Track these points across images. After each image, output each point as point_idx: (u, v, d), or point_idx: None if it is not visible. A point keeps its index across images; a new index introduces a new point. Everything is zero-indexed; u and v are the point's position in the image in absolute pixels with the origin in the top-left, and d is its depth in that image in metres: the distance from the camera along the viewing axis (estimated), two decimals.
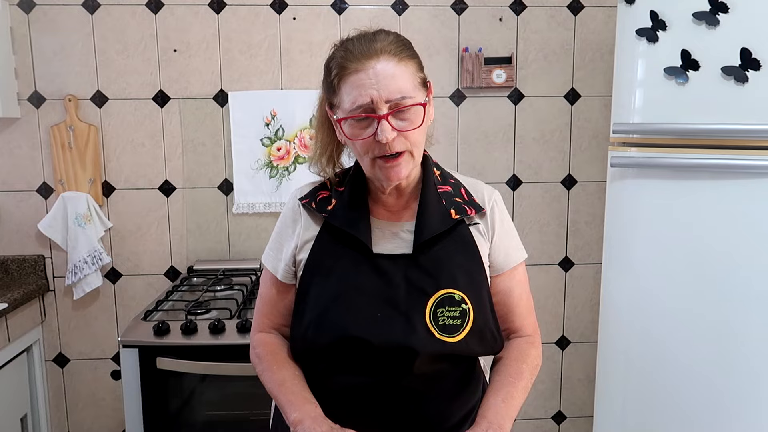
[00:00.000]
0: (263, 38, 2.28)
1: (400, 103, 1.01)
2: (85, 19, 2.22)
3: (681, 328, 1.69)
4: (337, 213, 1.12)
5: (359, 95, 1.01)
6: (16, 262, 2.29)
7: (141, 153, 2.30)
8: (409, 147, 1.04)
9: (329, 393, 1.08)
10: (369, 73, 1.01)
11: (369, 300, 1.05)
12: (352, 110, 1.02)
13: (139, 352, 1.67)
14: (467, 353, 1.09)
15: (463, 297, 1.05)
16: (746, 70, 1.53)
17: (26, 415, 2.23)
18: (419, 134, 1.05)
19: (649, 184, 1.73)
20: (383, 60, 1.02)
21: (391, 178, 1.05)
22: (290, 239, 1.16)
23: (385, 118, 1.00)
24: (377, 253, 1.08)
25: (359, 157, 1.09)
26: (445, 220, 1.10)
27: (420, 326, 1.03)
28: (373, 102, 1.00)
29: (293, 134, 2.30)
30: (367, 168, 1.08)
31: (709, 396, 1.66)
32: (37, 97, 2.24)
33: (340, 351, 1.05)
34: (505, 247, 1.16)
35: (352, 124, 1.04)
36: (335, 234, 1.11)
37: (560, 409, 2.58)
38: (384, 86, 1.01)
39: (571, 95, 2.38)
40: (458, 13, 2.31)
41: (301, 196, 1.18)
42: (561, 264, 2.48)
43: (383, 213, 1.14)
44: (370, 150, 1.04)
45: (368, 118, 1.02)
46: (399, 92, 1.01)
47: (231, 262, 2.33)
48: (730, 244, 1.61)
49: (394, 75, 1.02)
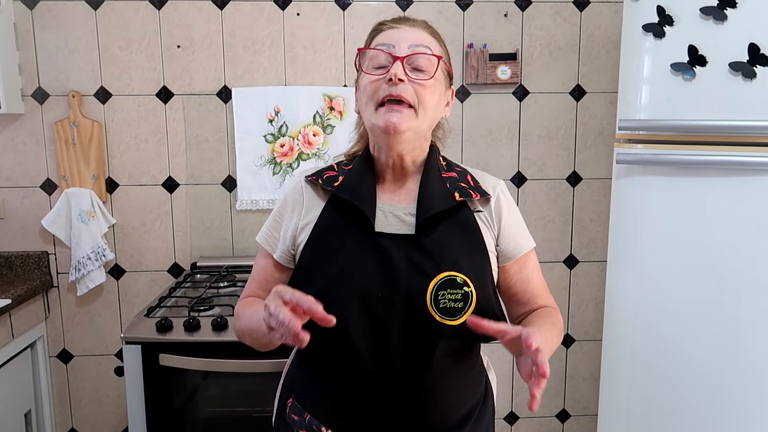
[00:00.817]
0: (267, 34, 2.27)
1: (420, 50, 1.05)
2: (88, 15, 2.22)
3: (687, 326, 1.68)
4: (345, 186, 1.11)
5: (387, 39, 1.07)
6: (19, 258, 2.29)
7: (144, 149, 2.30)
8: (416, 102, 1.04)
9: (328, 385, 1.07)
10: (401, 29, 1.08)
11: (369, 279, 1.03)
12: (374, 46, 1.07)
13: (142, 348, 1.67)
14: (468, 338, 1.06)
15: (466, 280, 1.03)
16: (754, 66, 1.51)
17: (30, 411, 2.24)
18: (429, 93, 1.06)
19: (655, 181, 1.72)
20: (416, 27, 1.10)
21: (388, 125, 1.03)
22: (290, 220, 1.14)
23: (401, 60, 1.03)
24: (379, 231, 1.07)
25: (364, 108, 1.09)
26: (447, 200, 1.08)
27: (420, 309, 1.01)
28: (395, 45, 1.05)
29: (297, 131, 2.29)
30: (369, 119, 1.07)
31: (714, 394, 1.64)
32: (40, 93, 2.24)
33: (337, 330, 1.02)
34: (515, 234, 1.15)
35: (370, 70, 1.07)
36: (340, 209, 1.10)
37: (564, 407, 2.57)
38: (409, 37, 1.07)
39: (576, 91, 2.37)
40: (463, 8, 2.30)
41: (307, 175, 1.17)
42: (566, 261, 2.46)
43: (387, 195, 1.13)
44: (377, 93, 1.04)
45: (385, 67, 1.05)
46: (422, 41, 1.07)
47: (234, 258, 2.33)
48: (737, 242, 1.59)
49: (422, 34, 1.08)
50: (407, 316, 1.02)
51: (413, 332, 1.02)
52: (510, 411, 2.55)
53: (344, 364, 1.06)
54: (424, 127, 1.08)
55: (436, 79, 1.07)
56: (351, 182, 1.11)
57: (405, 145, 1.07)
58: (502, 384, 2.51)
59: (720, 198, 1.61)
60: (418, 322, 1.01)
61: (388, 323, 1.02)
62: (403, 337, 1.02)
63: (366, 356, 1.03)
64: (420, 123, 1.06)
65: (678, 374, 1.71)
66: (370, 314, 1.02)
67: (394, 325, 1.02)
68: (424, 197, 1.08)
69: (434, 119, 1.11)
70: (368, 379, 1.04)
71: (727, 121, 1.56)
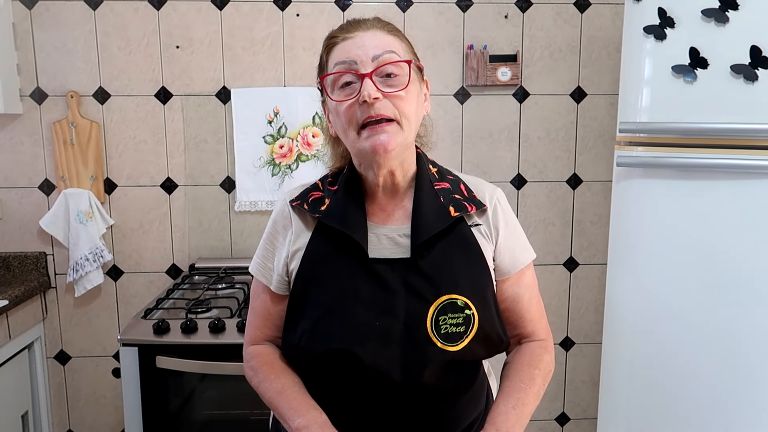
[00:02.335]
0: (266, 35, 2.26)
1: (385, 59, 0.96)
2: (87, 15, 2.21)
3: (687, 330, 1.67)
4: (332, 212, 1.04)
5: (344, 53, 0.98)
6: (17, 258, 2.28)
7: (143, 150, 2.29)
8: (398, 115, 0.97)
9: (325, 404, 1.04)
10: (356, 39, 0.99)
11: (366, 308, 0.98)
12: (333, 68, 0.99)
13: (139, 350, 1.66)
14: (471, 358, 1.04)
15: (467, 302, 0.99)
16: (756, 68, 1.50)
17: (27, 412, 2.23)
18: (408, 102, 0.98)
19: (656, 184, 1.71)
20: (372, 30, 1.00)
21: (377, 147, 0.95)
22: (281, 248, 1.09)
23: (369, 76, 0.95)
24: (373, 257, 1.02)
25: (344, 135, 1.01)
26: (442, 218, 1.02)
27: (420, 336, 0.97)
28: (357, 61, 0.96)
29: (296, 132, 2.29)
30: (353, 145, 0.99)
31: (714, 399, 1.63)
32: (39, 93, 2.23)
33: (335, 362, 1.00)
34: (511, 248, 1.09)
35: (338, 93, 0.99)
36: (329, 236, 1.04)
37: (564, 411, 2.55)
38: (370, 46, 0.97)
39: (577, 93, 2.36)
40: (463, 10, 2.29)
41: (291, 198, 1.10)
42: (566, 264, 2.45)
43: (379, 215, 1.07)
44: (354, 117, 0.96)
45: (351, 84, 0.97)
46: (386, 47, 0.97)
47: (233, 260, 2.32)
48: (738, 246, 1.58)
49: (381, 38, 0.99)
50: (407, 344, 0.97)
51: (414, 359, 0.98)
52: None
53: (344, 381, 1.02)
54: (411, 138, 1.02)
55: (410, 84, 0.99)
56: (338, 206, 1.05)
57: (395, 160, 1.01)
58: None
59: (721, 201, 1.60)
60: (419, 349, 0.97)
61: (387, 352, 0.97)
62: (404, 364, 0.98)
63: (366, 384, 1.00)
64: (406, 135, 0.99)
65: (678, 378, 1.69)
66: (369, 345, 0.97)
67: (393, 354, 0.97)
68: (418, 218, 1.02)
69: (418, 123, 1.05)
70: (368, 395, 1.01)
71: (729, 124, 1.55)
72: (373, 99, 0.94)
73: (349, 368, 0.99)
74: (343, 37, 1.00)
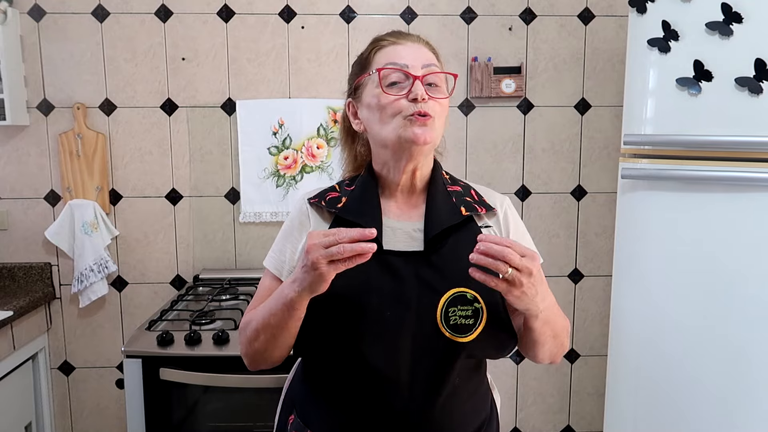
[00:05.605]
0: (271, 47, 2.28)
1: (433, 69, 1.07)
2: (94, 28, 2.23)
3: (692, 342, 1.66)
4: (349, 207, 1.11)
5: (395, 56, 1.07)
6: (22, 269, 2.29)
7: (148, 161, 2.30)
8: (438, 113, 1.06)
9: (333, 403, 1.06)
10: (407, 46, 1.09)
11: (378, 298, 1.02)
12: (385, 65, 1.06)
13: (143, 362, 1.66)
14: (480, 353, 1.06)
15: (476, 296, 1.02)
16: (761, 81, 1.50)
17: (31, 423, 2.23)
18: (445, 110, 1.08)
19: (660, 196, 1.70)
20: (418, 44, 1.11)
21: (419, 137, 1.03)
22: (297, 242, 1.13)
23: (420, 79, 1.05)
24: (388, 249, 1.06)
25: (381, 125, 1.07)
26: (455, 216, 1.08)
27: (430, 326, 1.00)
28: (409, 65, 1.06)
29: (301, 143, 2.29)
30: (395, 130, 1.05)
31: (720, 410, 1.62)
32: (45, 104, 2.24)
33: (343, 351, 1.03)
34: None
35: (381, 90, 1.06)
36: None
37: (569, 424, 2.54)
38: (420, 55, 1.07)
39: (581, 105, 2.36)
40: (467, 22, 2.30)
41: (310, 197, 1.16)
42: (570, 276, 2.45)
43: (395, 212, 1.12)
44: (403, 109, 1.04)
45: (398, 84, 1.06)
46: (430, 60, 1.08)
47: (237, 271, 2.32)
48: (743, 258, 1.57)
49: (425, 52, 1.09)
50: (417, 334, 1.01)
51: (423, 350, 1.01)
52: (514, 426, 2.52)
53: (352, 382, 1.04)
54: (438, 140, 1.11)
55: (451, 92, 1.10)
56: (355, 202, 1.11)
57: (424, 156, 1.10)
58: (506, 400, 2.49)
59: (725, 213, 1.59)
60: (429, 339, 1.01)
61: (398, 341, 1.01)
62: (414, 354, 1.01)
63: (375, 375, 1.01)
64: (438, 134, 1.09)
65: (684, 389, 1.68)
66: (380, 333, 1.00)
67: (404, 343, 1.01)
68: (432, 213, 1.09)
69: (443, 132, 1.13)
70: (376, 398, 1.02)
71: (733, 137, 1.55)
72: (422, 99, 1.03)
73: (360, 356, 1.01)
74: (392, 41, 1.10)
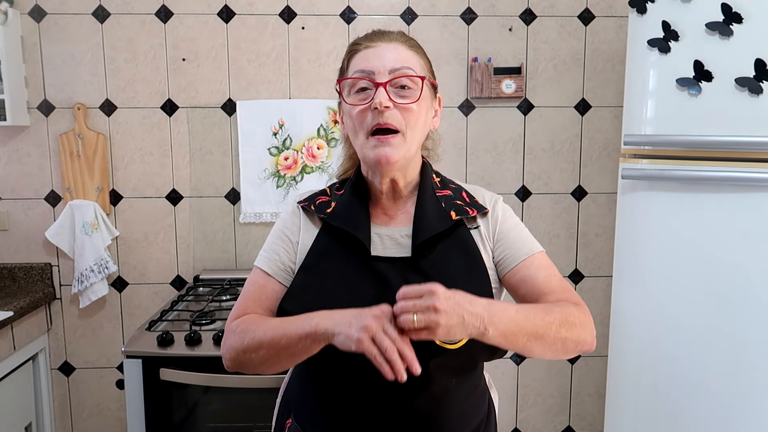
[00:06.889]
0: (272, 48, 2.28)
1: (401, 72, 1.03)
2: (94, 28, 2.23)
3: (693, 342, 1.66)
4: (337, 213, 1.10)
5: (363, 62, 1.04)
6: (23, 269, 2.29)
7: (149, 161, 2.30)
8: (404, 126, 1.02)
9: (329, 406, 1.06)
10: (378, 49, 1.05)
11: (366, 303, 0.98)
12: (353, 73, 1.04)
13: (143, 362, 1.66)
14: (471, 358, 1.04)
15: None
16: (761, 81, 1.50)
17: (31, 424, 2.23)
18: (416, 116, 1.04)
19: (660, 196, 1.70)
20: (394, 43, 1.06)
21: (380, 158, 1.01)
22: (288, 244, 1.13)
23: (384, 86, 1.01)
24: (375, 255, 1.05)
25: (354, 137, 1.07)
26: (443, 221, 1.07)
27: None
28: (375, 72, 1.02)
29: (301, 144, 2.29)
30: (361, 149, 1.05)
31: (721, 411, 1.62)
32: (46, 105, 2.24)
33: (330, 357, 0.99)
34: (513, 240, 1.10)
35: (353, 97, 1.05)
36: (334, 235, 1.08)
37: (570, 425, 2.53)
38: (389, 59, 1.03)
39: (581, 106, 2.36)
40: (468, 22, 2.30)
41: (300, 200, 1.16)
42: (571, 276, 2.44)
43: (382, 218, 1.11)
44: (365, 122, 1.02)
45: (366, 91, 1.03)
46: (403, 62, 1.04)
47: (237, 271, 2.32)
48: (743, 258, 1.57)
49: (400, 52, 1.05)
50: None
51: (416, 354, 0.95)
52: (515, 427, 2.52)
53: (348, 385, 1.04)
54: (414, 150, 1.07)
55: (422, 98, 1.05)
56: (343, 208, 1.10)
57: (397, 171, 1.07)
58: (507, 401, 2.49)
59: (726, 213, 1.59)
60: (417, 345, 0.96)
61: None
62: None
63: (367, 381, 1.00)
64: (409, 147, 1.05)
65: (685, 390, 1.68)
66: None
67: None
68: (420, 219, 1.07)
69: (423, 137, 1.10)
70: (371, 402, 1.02)
71: (733, 137, 1.55)
72: (383, 107, 1.00)
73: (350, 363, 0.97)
74: (365, 45, 1.07)
